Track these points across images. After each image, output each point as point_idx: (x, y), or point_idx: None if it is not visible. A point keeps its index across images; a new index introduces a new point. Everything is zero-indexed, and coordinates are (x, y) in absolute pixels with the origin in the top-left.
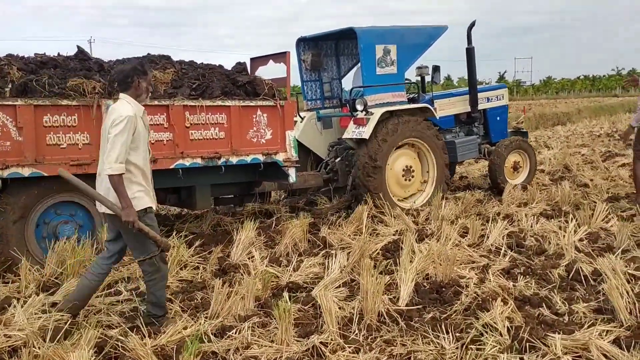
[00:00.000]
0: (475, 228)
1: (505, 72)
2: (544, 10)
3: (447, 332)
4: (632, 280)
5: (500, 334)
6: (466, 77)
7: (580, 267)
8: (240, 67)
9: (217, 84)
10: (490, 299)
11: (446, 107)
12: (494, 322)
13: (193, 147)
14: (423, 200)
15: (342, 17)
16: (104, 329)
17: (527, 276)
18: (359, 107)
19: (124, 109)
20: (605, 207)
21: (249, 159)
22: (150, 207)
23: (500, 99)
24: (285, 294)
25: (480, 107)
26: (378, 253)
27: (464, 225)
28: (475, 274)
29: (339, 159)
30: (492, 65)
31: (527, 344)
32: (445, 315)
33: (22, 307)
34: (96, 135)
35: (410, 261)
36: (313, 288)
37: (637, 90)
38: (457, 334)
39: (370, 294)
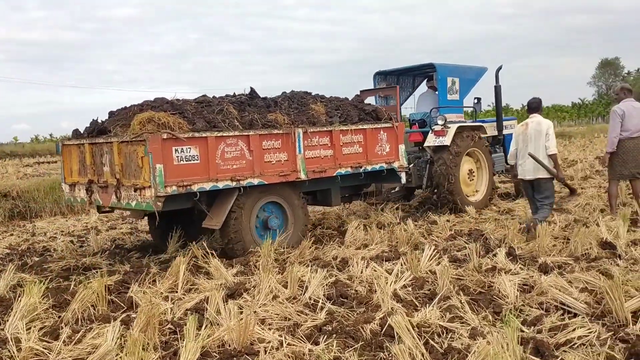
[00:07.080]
0: (293, 278)
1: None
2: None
3: None
4: (443, 333)
5: None
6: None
7: (393, 321)
8: (359, 98)
9: (354, 113)
10: None
11: None
12: None
13: (345, 160)
14: (479, 198)
15: (234, 53)
16: None
17: (335, 335)
18: (440, 122)
19: (547, 120)
20: (435, 248)
21: (377, 167)
22: None
23: (512, 127)
24: None
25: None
26: (186, 314)
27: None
28: (280, 335)
29: (411, 165)
30: None
31: None
32: None
33: None
34: (292, 155)
35: (202, 326)
36: None
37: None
38: None
39: None
